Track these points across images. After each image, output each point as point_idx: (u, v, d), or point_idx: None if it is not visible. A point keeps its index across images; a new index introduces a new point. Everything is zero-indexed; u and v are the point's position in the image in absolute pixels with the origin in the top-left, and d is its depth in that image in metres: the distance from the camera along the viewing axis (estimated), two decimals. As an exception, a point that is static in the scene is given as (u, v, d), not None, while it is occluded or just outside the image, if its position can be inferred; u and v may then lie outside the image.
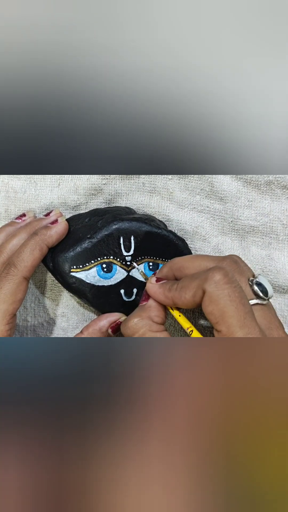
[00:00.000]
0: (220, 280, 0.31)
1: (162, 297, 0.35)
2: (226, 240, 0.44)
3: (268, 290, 0.35)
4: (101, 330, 0.39)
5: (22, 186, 0.43)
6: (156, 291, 0.36)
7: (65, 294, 0.43)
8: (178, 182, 0.43)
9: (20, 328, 0.43)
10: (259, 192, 0.43)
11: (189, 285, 0.33)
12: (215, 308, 0.31)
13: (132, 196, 0.43)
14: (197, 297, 0.32)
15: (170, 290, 0.35)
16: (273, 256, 0.43)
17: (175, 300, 0.34)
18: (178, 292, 0.34)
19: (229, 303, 0.31)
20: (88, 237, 0.39)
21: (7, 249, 0.39)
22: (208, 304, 0.32)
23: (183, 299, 0.33)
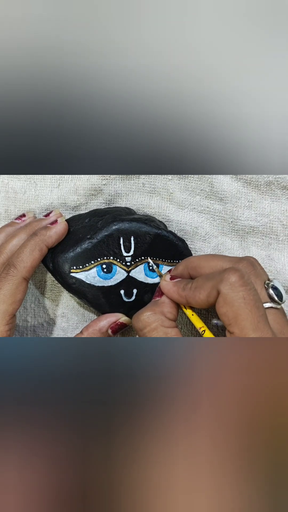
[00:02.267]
0: (236, 282, 0.31)
1: (176, 295, 0.35)
2: (226, 240, 0.44)
3: (282, 294, 0.35)
4: (101, 331, 0.39)
5: (22, 187, 0.43)
6: (170, 289, 0.36)
7: (65, 294, 0.43)
8: (178, 182, 0.43)
9: (20, 329, 0.43)
10: (259, 193, 0.43)
11: (203, 285, 0.33)
12: (229, 310, 0.31)
13: (132, 196, 0.43)
14: (211, 297, 0.32)
15: (184, 289, 0.35)
16: (273, 257, 0.43)
17: (188, 299, 0.34)
18: (192, 291, 0.34)
19: (243, 306, 0.31)
20: (88, 237, 0.39)
21: (6, 249, 0.39)
22: (222, 305, 0.31)
23: (196, 299, 0.33)
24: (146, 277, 0.40)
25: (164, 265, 0.40)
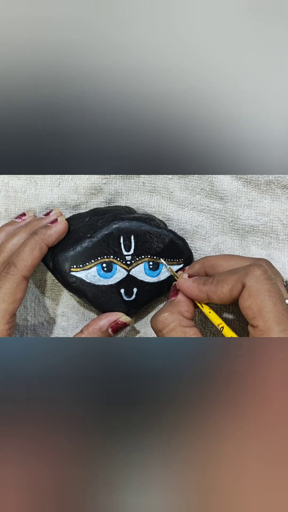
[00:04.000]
0: (261, 276, 0.32)
1: (196, 291, 0.35)
2: (226, 239, 0.44)
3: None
4: (101, 330, 0.39)
5: (22, 186, 0.43)
6: (190, 285, 0.36)
7: (65, 293, 0.43)
8: (178, 181, 0.43)
9: (20, 328, 0.43)
10: (259, 192, 0.43)
11: (226, 279, 0.33)
12: (253, 303, 0.31)
13: (132, 195, 0.43)
14: (235, 291, 0.33)
15: (205, 284, 0.35)
16: (273, 256, 0.43)
17: (210, 294, 0.34)
18: (215, 285, 0.34)
19: (268, 298, 0.31)
20: (88, 236, 0.39)
21: (7, 248, 0.39)
22: (246, 298, 0.32)
23: (219, 293, 0.33)
24: (146, 276, 0.40)
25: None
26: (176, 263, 0.40)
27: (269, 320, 0.31)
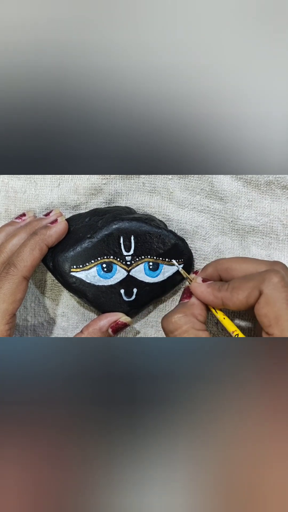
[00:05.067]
0: (278, 283, 0.31)
1: (211, 297, 0.35)
2: (226, 240, 0.44)
3: None
4: (101, 330, 0.39)
5: (22, 186, 0.43)
6: (204, 290, 0.35)
7: (65, 293, 0.43)
8: (178, 182, 0.43)
9: (20, 328, 0.43)
10: (259, 192, 0.43)
11: (242, 286, 0.33)
12: (270, 311, 0.31)
13: (132, 196, 0.43)
14: (252, 298, 0.32)
15: (220, 290, 0.34)
16: (273, 256, 0.43)
17: (225, 300, 0.34)
18: (230, 292, 0.33)
19: (285, 307, 0.31)
20: (88, 236, 0.39)
21: (7, 248, 0.39)
22: (263, 305, 0.31)
23: (234, 300, 0.33)
24: (146, 277, 0.40)
25: (164, 265, 0.40)
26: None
27: (286, 329, 0.31)
